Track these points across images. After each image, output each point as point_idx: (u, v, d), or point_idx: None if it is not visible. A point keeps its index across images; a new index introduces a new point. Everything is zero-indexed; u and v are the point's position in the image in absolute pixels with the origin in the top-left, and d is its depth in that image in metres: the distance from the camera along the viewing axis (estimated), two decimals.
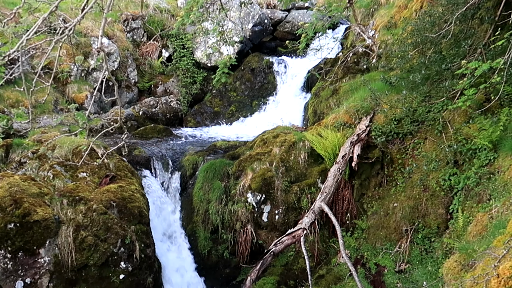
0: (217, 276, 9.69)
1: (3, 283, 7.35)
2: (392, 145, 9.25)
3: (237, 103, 15.63)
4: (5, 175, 7.81)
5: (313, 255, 9.21)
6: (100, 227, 7.80)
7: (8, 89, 11.05)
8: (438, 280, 7.02)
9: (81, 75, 13.75)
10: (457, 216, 7.69)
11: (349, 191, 9.49)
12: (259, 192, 9.48)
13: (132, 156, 10.14)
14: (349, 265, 7.48)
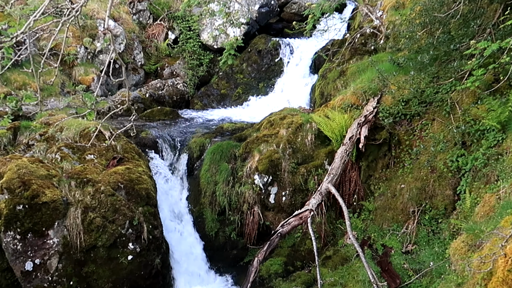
0: (224, 257, 9.75)
1: (13, 263, 7.44)
2: (400, 127, 9.21)
3: (243, 85, 15.57)
4: (13, 157, 7.86)
5: (320, 236, 9.24)
6: (108, 209, 7.85)
7: (15, 72, 11.07)
8: (445, 261, 7.03)
9: (88, 58, 13.73)
10: (465, 197, 7.68)
11: (356, 172, 9.48)
12: (266, 174, 9.49)
13: (139, 138, 10.15)
14: (356, 246, 7.51)
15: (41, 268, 7.48)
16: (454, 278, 5.31)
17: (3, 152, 8.34)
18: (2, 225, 7.29)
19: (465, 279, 4.90)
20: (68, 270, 7.59)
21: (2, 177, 7.41)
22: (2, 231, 7.32)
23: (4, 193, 7.32)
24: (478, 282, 4.30)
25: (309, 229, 7.92)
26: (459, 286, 5.04)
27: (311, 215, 8.11)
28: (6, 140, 8.56)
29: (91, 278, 7.78)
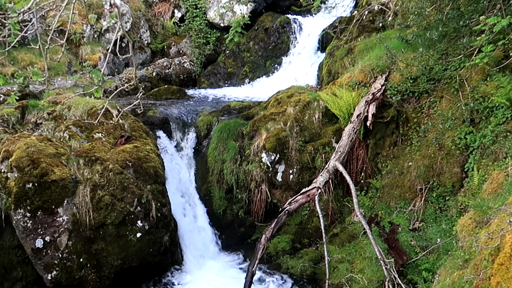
0: (232, 235, 9.82)
1: (23, 241, 7.53)
2: (408, 104, 9.16)
3: (250, 64, 15.50)
4: (22, 135, 7.89)
5: (327, 214, 9.27)
6: (116, 187, 7.90)
7: (22, 51, 11.08)
8: (452, 238, 7.05)
9: (94, 37, 13.71)
10: (473, 175, 7.66)
11: (363, 150, 9.47)
12: (273, 152, 9.50)
13: (147, 117, 10.17)
14: (363, 223, 7.53)
15: (51, 245, 7.56)
16: (461, 254, 5.33)
17: (12, 131, 8.38)
18: (12, 203, 7.36)
19: (472, 255, 4.91)
20: (78, 247, 7.67)
21: (11, 156, 7.46)
22: (12, 209, 7.39)
23: (13, 171, 7.38)
24: (486, 258, 4.31)
25: (317, 206, 7.94)
26: (466, 262, 5.06)
27: (319, 192, 8.12)
28: (15, 119, 8.60)
29: (101, 255, 7.87)
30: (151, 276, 8.62)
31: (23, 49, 10.90)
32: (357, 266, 8.01)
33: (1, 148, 7.67)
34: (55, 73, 11.47)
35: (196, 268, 9.05)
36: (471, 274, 4.50)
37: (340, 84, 9.88)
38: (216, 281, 8.57)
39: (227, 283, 8.44)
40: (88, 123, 8.55)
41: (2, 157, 7.56)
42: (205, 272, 8.93)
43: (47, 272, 7.58)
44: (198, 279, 8.70)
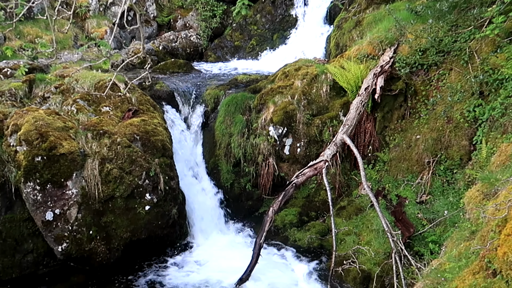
0: (239, 208, 9.88)
1: (33, 213, 7.62)
2: (416, 77, 9.09)
3: (257, 37, 15.39)
4: (30, 109, 7.92)
5: (335, 187, 9.30)
6: (124, 160, 7.94)
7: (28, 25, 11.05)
8: (459, 210, 7.06)
9: (100, 10, 13.63)
10: (481, 147, 7.63)
11: (371, 123, 9.43)
12: (280, 125, 9.49)
13: (154, 90, 10.15)
14: (370, 196, 7.55)
15: (61, 218, 7.64)
16: (468, 226, 5.34)
17: (20, 104, 8.41)
18: (21, 176, 7.43)
19: (479, 227, 4.92)
20: (87, 220, 7.75)
21: (19, 129, 7.49)
22: (22, 182, 7.46)
23: (22, 144, 7.42)
24: (493, 229, 4.32)
25: (324, 179, 7.96)
26: (473, 234, 5.07)
27: (326, 165, 8.13)
28: (22, 93, 8.62)
29: (110, 227, 7.95)
30: (160, 249, 8.72)
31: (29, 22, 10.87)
32: (364, 238, 8.06)
33: (10, 122, 7.70)
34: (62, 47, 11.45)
35: (204, 241, 9.15)
36: (478, 245, 4.52)
37: (348, 56, 9.80)
38: (224, 254, 8.66)
39: (234, 256, 8.52)
40: (96, 97, 8.56)
41: (10, 131, 7.60)
42: (213, 244, 9.02)
43: (58, 244, 7.68)
44: (206, 251, 8.80)
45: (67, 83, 8.72)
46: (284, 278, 7.99)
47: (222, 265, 8.32)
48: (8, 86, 8.65)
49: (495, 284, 3.97)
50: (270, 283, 7.82)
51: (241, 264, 7.87)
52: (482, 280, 4.10)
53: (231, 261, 8.33)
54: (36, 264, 7.95)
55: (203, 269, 8.29)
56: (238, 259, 8.18)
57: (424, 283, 4.89)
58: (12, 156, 7.56)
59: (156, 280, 7.95)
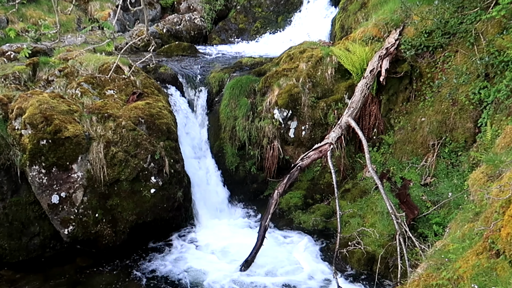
0: (244, 191, 9.91)
1: (39, 197, 7.67)
2: (422, 59, 9.03)
3: (262, 19, 15.29)
4: (34, 93, 7.93)
5: (339, 170, 9.30)
6: (129, 143, 7.96)
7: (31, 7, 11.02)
8: (463, 192, 7.06)
9: None
10: (486, 130, 7.61)
11: (376, 106, 9.40)
12: (285, 108, 9.47)
13: (158, 73, 10.14)
14: (375, 178, 7.56)
15: (67, 201, 7.70)
16: (472, 208, 5.34)
17: (24, 88, 8.42)
18: (27, 159, 7.47)
19: (483, 208, 4.92)
20: (93, 203, 7.81)
21: (24, 113, 7.52)
22: (28, 165, 7.50)
23: (27, 128, 7.45)
24: (496, 210, 4.32)
25: (329, 162, 7.97)
26: (477, 215, 5.08)
27: (331, 148, 8.13)
28: (26, 76, 8.62)
29: (116, 210, 8.00)
30: (166, 231, 8.78)
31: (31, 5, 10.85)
32: (369, 221, 8.09)
33: (14, 105, 7.72)
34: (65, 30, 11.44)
35: (209, 223, 9.20)
36: (482, 226, 4.52)
37: (353, 39, 9.74)
38: (229, 236, 8.71)
39: (240, 238, 8.57)
40: (100, 80, 8.56)
41: (15, 114, 7.63)
42: (219, 227, 9.07)
43: (64, 227, 7.75)
44: (212, 234, 8.84)
45: (71, 66, 8.71)
46: (289, 260, 8.03)
47: (227, 247, 8.37)
48: (11, 69, 8.66)
49: (499, 264, 3.99)
50: (275, 265, 7.87)
51: (246, 246, 7.93)
52: (485, 261, 4.12)
53: (236, 243, 8.39)
54: (42, 247, 8.04)
55: (208, 252, 8.34)
56: (243, 241, 8.24)
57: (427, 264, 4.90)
58: (17, 140, 7.60)
59: (162, 263, 8.01)
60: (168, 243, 8.60)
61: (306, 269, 7.77)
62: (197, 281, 7.52)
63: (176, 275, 7.68)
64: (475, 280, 4.05)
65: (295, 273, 7.67)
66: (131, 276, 7.63)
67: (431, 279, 4.57)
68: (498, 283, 3.81)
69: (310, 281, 7.49)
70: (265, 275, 7.63)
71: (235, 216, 9.55)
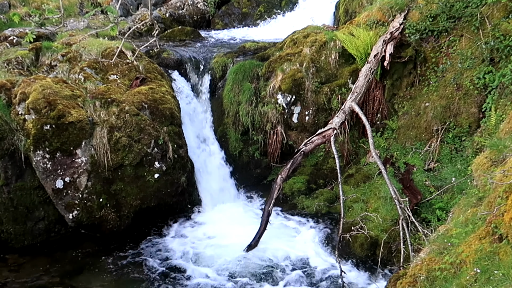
0: (248, 176, 9.93)
1: (44, 181, 7.71)
2: (426, 43, 8.97)
3: (265, 3, 15.17)
4: (37, 77, 7.93)
5: (343, 155, 9.30)
6: (133, 128, 7.97)
7: None
8: (467, 177, 7.06)
9: None
10: (490, 115, 7.58)
11: (380, 91, 9.37)
12: (289, 93, 9.45)
13: (161, 58, 10.10)
14: (378, 163, 7.55)
15: (71, 186, 7.73)
16: (476, 193, 5.34)
17: (27, 73, 8.42)
18: (31, 144, 7.49)
19: (487, 193, 4.92)
20: (97, 187, 7.85)
21: (27, 98, 7.52)
22: (32, 150, 7.53)
23: (30, 113, 7.46)
24: (500, 195, 4.32)
25: (332, 147, 7.96)
26: (480, 200, 5.08)
27: (334, 133, 8.12)
28: (29, 61, 8.62)
29: (120, 195, 8.04)
30: (170, 216, 8.83)
31: None
32: (372, 206, 8.10)
33: (17, 90, 7.73)
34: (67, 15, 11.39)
35: (212, 209, 9.24)
36: (485, 211, 4.53)
37: (357, 23, 9.68)
38: (233, 221, 8.75)
39: (243, 223, 8.61)
40: (103, 65, 8.54)
41: (19, 99, 7.64)
42: (222, 212, 9.11)
43: (68, 212, 7.80)
44: (215, 218, 8.89)
45: (74, 51, 8.69)
46: (292, 244, 8.07)
47: (231, 232, 8.41)
48: (14, 54, 8.65)
49: (501, 248, 3.99)
50: (279, 249, 7.91)
51: (250, 231, 7.96)
52: (488, 245, 4.12)
53: (240, 228, 8.42)
54: (47, 231, 8.09)
55: (212, 236, 8.39)
56: (247, 226, 8.28)
57: (430, 248, 4.92)
58: (21, 125, 7.62)
59: (165, 247, 8.06)
60: (171, 227, 8.65)
61: (309, 253, 7.81)
62: (201, 264, 7.57)
63: (179, 258, 7.74)
64: (478, 264, 4.06)
65: (298, 257, 7.70)
66: (135, 260, 7.69)
67: (434, 263, 4.59)
68: (501, 267, 3.82)
69: (313, 266, 7.54)
70: (268, 259, 7.66)
71: (239, 201, 9.58)
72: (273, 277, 7.30)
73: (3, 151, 7.51)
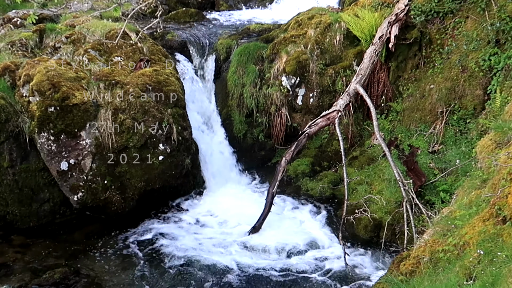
0: (252, 158, 9.93)
1: (48, 163, 7.74)
2: (432, 25, 8.90)
3: None
4: (41, 59, 7.92)
5: (347, 137, 9.29)
6: (137, 110, 7.97)
7: None
8: (471, 160, 7.05)
9: None
10: (495, 97, 7.55)
11: (385, 73, 9.32)
12: (293, 75, 9.41)
13: (165, 40, 10.07)
14: (383, 146, 7.56)
15: (76, 167, 7.76)
16: (480, 175, 5.34)
17: (31, 55, 8.40)
18: (35, 126, 7.51)
19: (491, 175, 4.92)
20: (102, 169, 7.87)
21: (32, 80, 7.52)
22: (36, 132, 7.55)
23: (35, 95, 7.47)
24: (504, 177, 4.31)
25: (337, 129, 7.96)
26: (484, 182, 5.08)
27: (339, 115, 8.12)
28: (33, 43, 8.59)
29: (124, 177, 8.07)
30: (174, 198, 8.87)
31: None
32: (376, 188, 8.11)
33: (22, 72, 7.72)
34: None
35: (217, 191, 9.26)
36: (489, 193, 4.52)
37: (362, 4, 9.60)
38: (237, 203, 8.78)
39: (247, 205, 8.64)
40: (107, 47, 8.51)
41: (23, 81, 7.63)
42: (226, 194, 9.14)
43: (73, 194, 7.84)
44: (220, 200, 8.92)
45: (78, 32, 8.66)
46: (296, 226, 8.11)
47: (235, 214, 8.45)
48: (18, 36, 8.63)
49: (505, 230, 4.00)
50: (282, 231, 7.95)
51: (254, 213, 8.00)
52: (491, 227, 4.13)
53: (244, 210, 8.46)
54: (52, 213, 8.14)
55: (216, 218, 8.44)
56: (251, 208, 8.31)
57: (434, 230, 4.94)
58: (25, 107, 7.63)
59: (170, 228, 8.11)
60: (176, 209, 8.70)
61: (312, 235, 7.84)
62: (205, 245, 7.61)
63: (184, 239, 7.78)
64: (481, 246, 4.07)
65: (302, 239, 7.73)
66: (140, 241, 7.75)
67: (437, 245, 4.61)
68: (504, 249, 3.83)
69: (317, 247, 7.58)
70: (272, 240, 7.70)
71: (243, 183, 9.60)
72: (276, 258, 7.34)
73: (7, 133, 7.53)
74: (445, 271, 4.23)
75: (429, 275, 4.35)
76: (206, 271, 7.02)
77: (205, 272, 6.99)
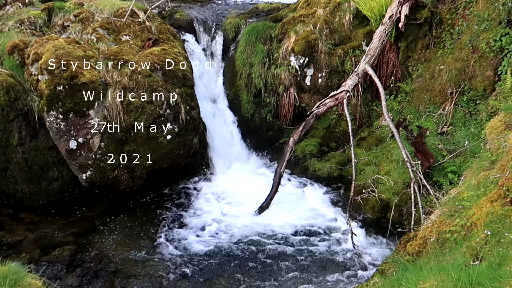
0: (260, 138, 9.94)
1: (57, 142, 7.79)
2: (442, 5, 8.79)
3: None
4: (50, 38, 7.91)
5: (355, 118, 9.26)
6: (146, 90, 7.97)
7: None
8: (480, 141, 7.01)
9: None
10: (505, 78, 7.48)
11: (394, 53, 9.24)
12: (302, 55, 9.36)
13: (174, 19, 10.02)
14: (391, 126, 7.53)
15: (84, 146, 7.81)
16: (489, 156, 5.32)
17: (39, 33, 8.39)
18: (44, 105, 7.54)
19: (500, 156, 4.89)
20: (110, 148, 7.91)
21: (40, 58, 7.52)
22: (45, 111, 7.58)
23: (44, 73, 7.48)
24: None
25: (345, 110, 7.93)
26: (493, 163, 5.06)
27: (347, 96, 8.07)
28: (41, 21, 8.58)
29: (132, 156, 8.10)
30: (182, 177, 8.90)
31: None
32: (384, 169, 8.10)
33: (30, 51, 7.73)
34: None
35: (224, 170, 9.30)
36: (497, 174, 4.51)
37: None
38: (244, 183, 8.82)
39: (255, 184, 8.67)
40: (115, 26, 8.49)
41: (32, 60, 7.64)
42: (234, 173, 9.18)
43: (82, 172, 7.89)
44: (227, 180, 8.97)
45: (86, 11, 8.64)
46: (304, 206, 8.14)
47: (243, 193, 8.50)
48: (27, 14, 8.62)
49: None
50: (290, 211, 7.99)
51: (261, 192, 8.03)
52: (499, 208, 4.13)
53: (252, 189, 8.50)
54: (61, 191, 8.22)
55: (224, 198, 8.48)
56: (258, 188, 8.34)
57: (441, 211, 4.94)
58: (34, 85, 7.65)
59: (178, 207, 8.17)
60: (184, 188, 8.74)
61: (320, 215, 7.88)
62: (212, 225, 7.67)
63: (191, 218, 7.84)
64: (489, 227, 4.07)
65: (309, 218, 7.78)
66: (148, 220, 7.81)
67: (445, 226, 4.61)
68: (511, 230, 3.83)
69: (324, 227, 7.61)
70: (279, 219, 7.74)
71: (250, 163, 9.63)
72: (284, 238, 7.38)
73: (17, 112, 7.57)
74: (451, 251, 4.25)
75: (435, 255, 4.36)
76: (213, 248, 7.10)
77: (212, 250, 7.07)
